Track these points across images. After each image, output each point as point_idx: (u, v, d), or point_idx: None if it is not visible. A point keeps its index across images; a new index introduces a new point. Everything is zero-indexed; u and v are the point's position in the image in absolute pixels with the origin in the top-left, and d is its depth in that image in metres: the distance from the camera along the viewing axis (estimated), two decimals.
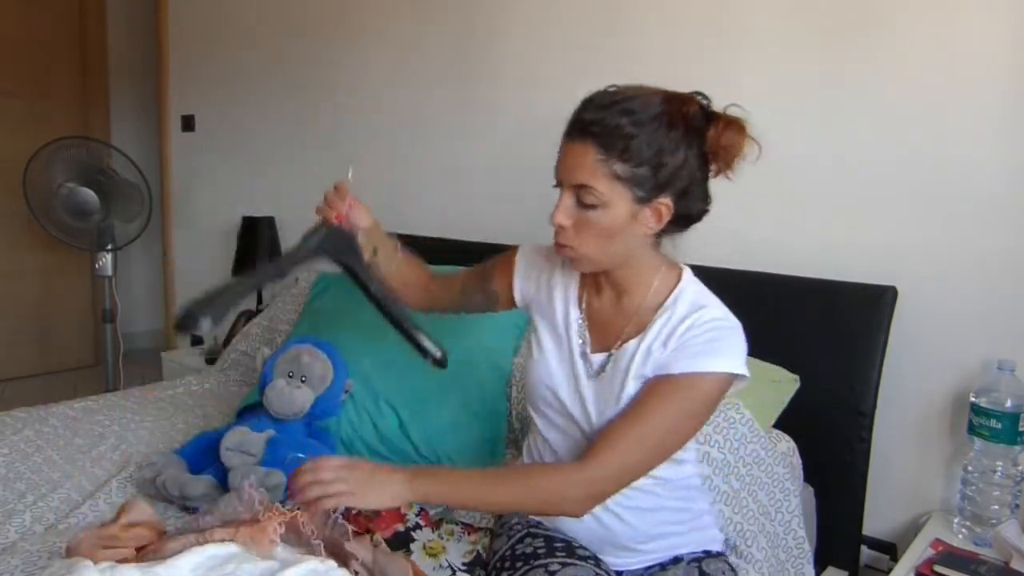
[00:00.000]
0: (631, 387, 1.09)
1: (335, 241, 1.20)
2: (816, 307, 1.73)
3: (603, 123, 1.00)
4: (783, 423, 1.68)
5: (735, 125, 1.04)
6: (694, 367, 1.04)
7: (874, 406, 1.66)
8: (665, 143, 1.00)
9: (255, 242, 2.98)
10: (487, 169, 2.41)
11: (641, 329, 1.11)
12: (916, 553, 1.46)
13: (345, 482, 0.99)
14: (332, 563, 1.02)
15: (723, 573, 1.18)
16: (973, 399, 1.54)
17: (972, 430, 1.53)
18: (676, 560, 1.20)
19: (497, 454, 1.70)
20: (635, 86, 1.05)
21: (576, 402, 1.15)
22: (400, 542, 1.27)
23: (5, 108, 3.64)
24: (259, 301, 3.00)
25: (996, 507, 1.50)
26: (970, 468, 1.53)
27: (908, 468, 1.73)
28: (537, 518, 1.23)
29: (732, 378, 1.07)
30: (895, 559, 1.67)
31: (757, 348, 1.71)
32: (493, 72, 2.39)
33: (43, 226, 3.03)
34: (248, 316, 2.84)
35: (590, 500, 1.07)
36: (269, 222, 3.02)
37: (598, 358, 1.15)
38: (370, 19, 2.71)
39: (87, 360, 4.05)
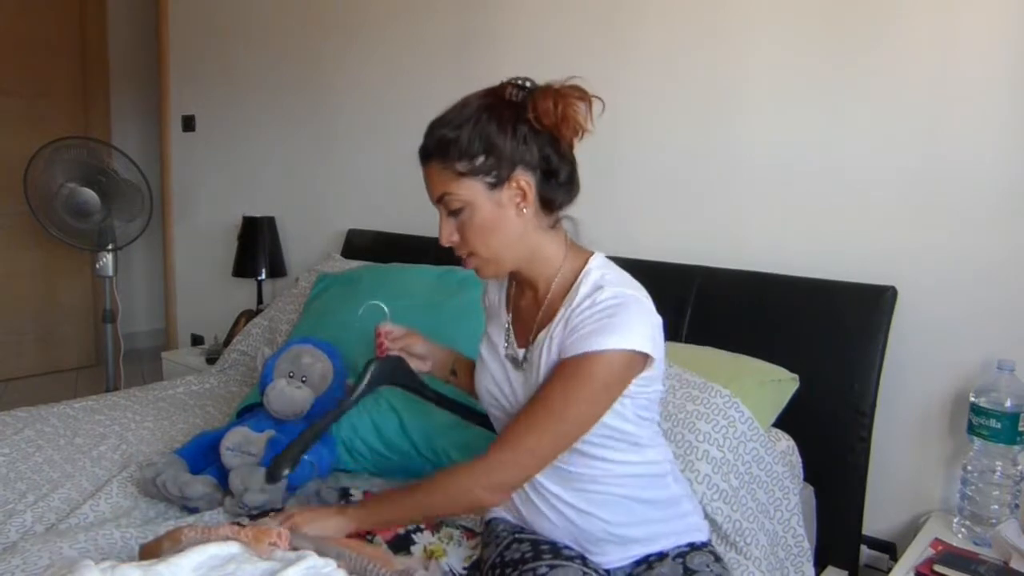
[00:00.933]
0: (543, 376, 1.12)
1: (385, 370, 1.37)
2: (816, 307, 1.74)
3: (434, 142, 1.12)
4: (783, 423, 1.68)
5: (553, 93, 1.12)
6: (587, 347, 1.05)
7: (874, 406, 1.66)
8: (491, 129, 1.09)
9: (255, 242, 2.98)
10: None
11: (551, 319, 1.14)
12: (916, 553, 1.46)
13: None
14: (332, 561, 1.02)
15: (708, 567, 1.15)
16: (973, 399, 1.54)
17: (972, 430, 1.54)
18: (661, 556, 1.18)
19: None
20: (460, 100, 1.16)
21: (512, 398, 1.20)
22: (400, 544, 1.27)
23: (5, 108, 3.64)
24: (259, 301, 3.01)
25: (996, 507, 1.50)
26: (970, 468, 1.53)
27: (908, 468, 1.73)
28: (519, 523, 1.23)
29: (633, 355, 1.05)
30: (895, 559, 1.67)
31: (757, 348, 1.73)
32: (492, 72, 2.39)
33: (43, 226, 3.03)
34: (248, 316, 2.84)
35: (498, 488, 1.13)
36: (269, 222, 3.02)
37: (522, 352, 1.19)
38: (370, 19, 2.71)
39: (87, 360, 4.05)
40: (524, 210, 1.11)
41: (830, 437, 1.69)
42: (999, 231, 1.59)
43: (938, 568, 1.36)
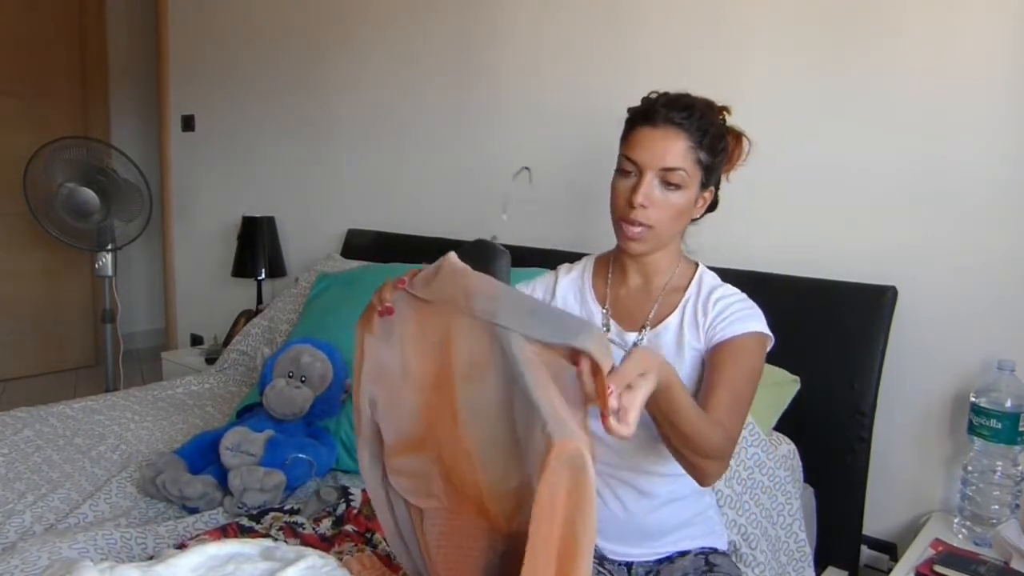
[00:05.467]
0: (688, 357, 1.17)
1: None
2: (816, 307, 1.74)
3: (691, 117, 1.14)
4: (783, 422, 1.68)
5: (739, 134, 1.24)
6: (744, 328, 1.14)
7: (874, 406, 1.66)
8: (722, 142, 1.19)
9: (255, 242, 2.98)
10: (487, 169, 2.41)
11: (672, 308, 1.21)
12: (916, 553, 1.46)
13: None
14: (332, 559, 1.02)
15: (727, 567, 1.21)
16: (973, 399, 1.53)
17: (972, 430, 1.53)
18: (683, 554, 1.24)
19: None
20: (701, 98, 1.19)
21: None
22: None
23: (5, 108, 3.64)
24: (259, 301, 3.00)
25: (996, 507, 1.50)
26: (970, 468, 1.53)
27: (908, 468, 1.73)
28: None
29: (767, 339, 1.17)
30: (895, 559, 1.67)
31: None
32: (493, 72, 2.39)
33: (43, 226, 3.03)
34: (248, 316, 2.84)
35: (727, 458, 1.08)
36: (268, 222, 3.02)
37: (631, 336, 1.22)
38: (369, 19, 2.71)
39: (87, 360, 4.05)
40: (696, 215, 1.21)
41: (830, 437, 1.69)
42: (999, 231, 1.59)
43: (938, 568, 1.36)
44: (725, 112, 1.21)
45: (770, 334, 1.17)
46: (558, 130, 2.21)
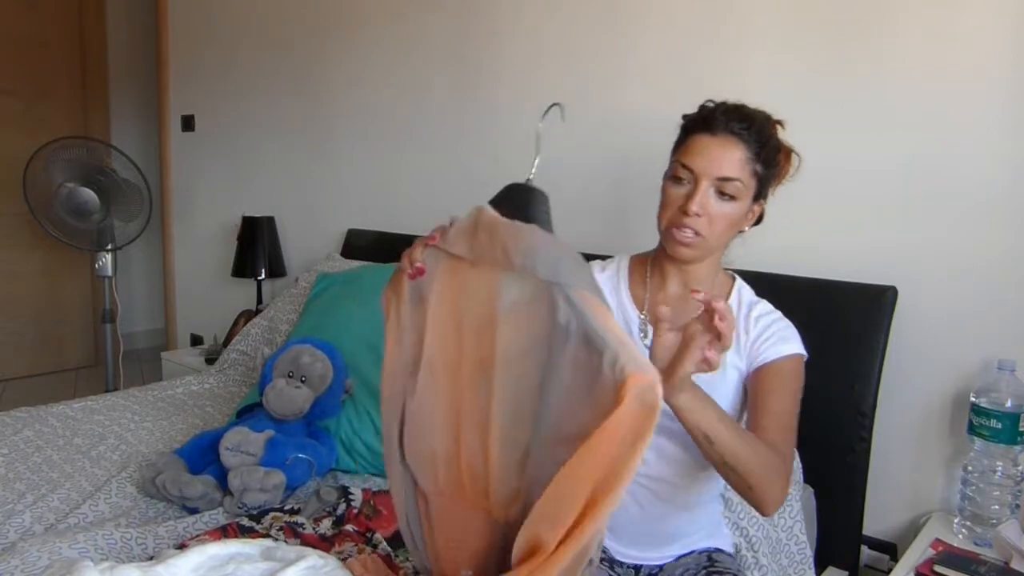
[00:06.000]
0: (730, 374, 1.17)
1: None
2: (816, 307, 1.73)
3: (750, 128, 1.12)
4: None
5: (791, 154, 1.23)
6: (787, 351, 1.15)
7: (874, 406, 1.66)
8: (777, 156, 1.18)
9: (254, 242, 2.98)
10: (487, 168, 2.41)
11: None
12: (916, 553, 1.45)
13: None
14: (332, 559, 1.02)
15: (728, 564, 1.23)
16: (973, 399, 1.53)
17: (972, 430, 1.53)
18: (688, 554, 1.25)
19: None
20: (752, 107, 1.18)
21: None
22: (401, 541, 1.27)
23: (5, 108, 3.64)
24: (259, 301, 3.00)
25: (996, 507, 1.50)
26: (970, 468, 1.53)
27: (908, 468, 1.73)
28: None
29: (804, 358, 1.19)
30: (895, 559, 1.67)
31: None
32: (492, 71, 2.39)
33: (43, 226, 3.03)
34: (247, 316, 2.84)
35: (787, 484, 1.08)
36: (268, 222, 3.02)
37: None
38: (370, 19, 2.71)
39: (87, 360, 4.05)
40: (744, 227, 1.19)
41: (830, 437, 1.68)
42: (999, 231, 1.59)
43: (938, 568, 1.36)
44: (779, 126, 1.20)
45: (806, 353, 1.18)
46: (559, 129, 2.21)
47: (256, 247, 2.98)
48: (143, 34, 3.99)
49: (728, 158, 1.11)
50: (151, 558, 1.17)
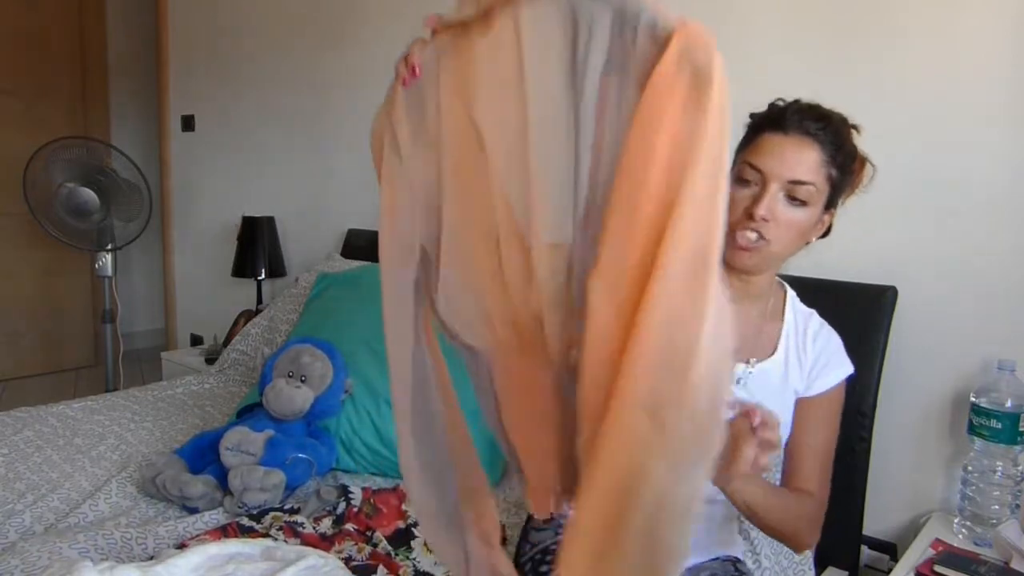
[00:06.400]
0: (790, 399, 1.14)
1: None
2: (816, 307, 1.73)
3: (826, 128, 1.04)
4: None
5: (866, 162, 1.14)
6: (839, 377, 1.13)
7: (874, 406, 1.66)
8: (853, 161, 1.10)
9: (254, 242, 2.98)
10: None
11: (773, 340, 1.16)
12: (916, 553, 1.45)
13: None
14: (333, 559, 1.02)
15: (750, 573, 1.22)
16: (973, 399, 1.53)
17: (972, 430, 1.53)
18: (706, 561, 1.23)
19: (497, 454, 1.70)
20: (836, 112, 1.12)
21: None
22: (400, 540, 1.27)
23: (5, 108, 3.64)
24: (259, 301, 3.00)
25: (996, 507, 1.50)
26: (970, 468, 1.53)
27: (908, 468, 1.73)
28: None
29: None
30: (895, 559, 1.67)
31: None
32: None
33: (43, 226, 3.03)
34: (247, 316, 2.84)
35: (818, 533, 1.09)
36: (268, 222, 3.02)
37: (737, 368, 1.14)
38: (369, 19, 2.71)
39: (87, 360, 4.05)
40: (812, 238, 1.11)
41: None
42: (1000, 231, 1.59)
43: (938, 568, 1.36)
44: (855, 130, 1.11)
45: (852, 368, 1.16)
46: None
47: (256, 247, 2.98)
48: (143, 34, 3.99)
49: (801, 159, 1.03)
50: (151, 558, 1.17)
